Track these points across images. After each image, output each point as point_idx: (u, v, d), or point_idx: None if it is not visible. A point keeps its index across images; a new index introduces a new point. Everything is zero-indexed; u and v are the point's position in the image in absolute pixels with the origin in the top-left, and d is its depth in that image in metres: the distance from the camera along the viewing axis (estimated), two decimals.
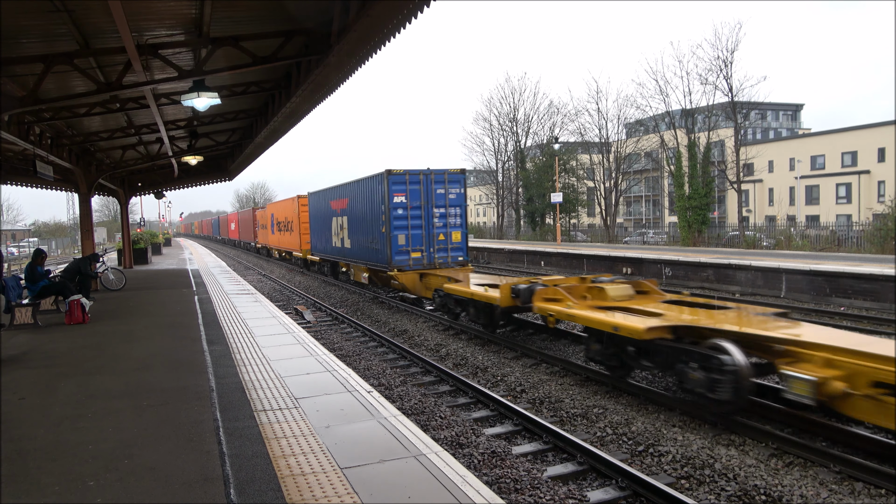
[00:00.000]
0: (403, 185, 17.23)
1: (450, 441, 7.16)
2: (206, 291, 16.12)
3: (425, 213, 17.49)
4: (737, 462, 6.38)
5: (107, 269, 16.67)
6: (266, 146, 18.36)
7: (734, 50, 34.17)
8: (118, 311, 12.53)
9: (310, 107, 12.46)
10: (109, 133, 16.35)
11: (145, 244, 30.26)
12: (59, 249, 58.75)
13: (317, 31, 9.19)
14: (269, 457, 4.53)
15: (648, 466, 6.50)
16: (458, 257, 18.03)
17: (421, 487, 4.04)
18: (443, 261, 17.79)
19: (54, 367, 7.59)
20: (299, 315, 16.90)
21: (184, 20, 8.57)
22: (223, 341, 9.06)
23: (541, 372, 10.20)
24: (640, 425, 7.53)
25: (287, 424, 5.29)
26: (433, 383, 9.99)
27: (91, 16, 7.89)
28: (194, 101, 9.81)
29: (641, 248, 31.27)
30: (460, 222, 17.98)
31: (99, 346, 8.82)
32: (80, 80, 10.42)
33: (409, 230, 17.41)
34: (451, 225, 17.89)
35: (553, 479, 6.20)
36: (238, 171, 25.29)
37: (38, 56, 8.80)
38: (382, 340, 13.13)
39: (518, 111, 50.30)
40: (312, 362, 7.72)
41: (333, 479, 4.15)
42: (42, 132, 14.23)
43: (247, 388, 6.45)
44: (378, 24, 7.66)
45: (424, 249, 17.58)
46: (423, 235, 17.54)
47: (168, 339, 9.27)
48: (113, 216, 79.86)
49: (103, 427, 5.21)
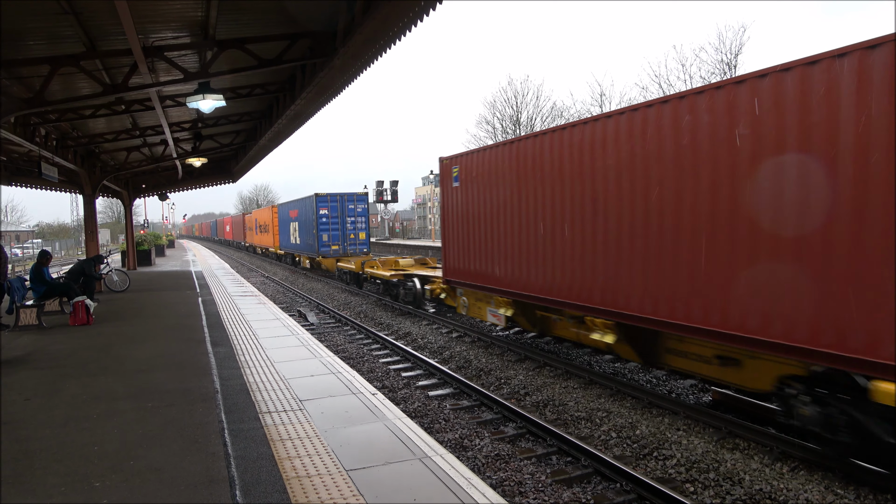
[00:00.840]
0: (326, 203, 26.83)
1: (454, 443, 7.16)
2: (210, 293, 16.15)
3: (341, 220, 27.00)
4: (742, 466, 6.36)
5: (111, 271, 16.71)
6: (270, 148, 18.40)
7: (738, 53, 34.20)
8: (122, 313, 12.55)
9: (314, 109, 12.48)
10: (114, 135, 16.42)
11: (149, 246, 30.35)
12: (62, 251, 58.92)
13: (322, 33, 9.21)
14: (274, 458, 4.53)
15: (653, 470, 6.48)
16: (364, 249, 27.51)
17: (426, 490, 4.04)
18: (353, 251, 27.06)
19: (59, 368, 7.61)
20: (303, 317, 16.91)
21: (190, 22, 8.60)
22: (227, 343, 9.07)
23: (544, 375, 10.19)
24: (645, 428, 7.51)
25: (292, 426, 5.29)
26: (437, 386, 9.98)
27: (97, 18, 7.92)
28: (199, 103, 9.85)
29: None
30: (363, 227, 27.63)
31: (103, 348, 8.84)
32: (86, 82, 10.46)
33: (330, 231, 26.93)
34: (357, 228, 27.40)
35: (557, 482, 6.19)
36: (242, 174, 25.35)
37: (44, 58, 8.84)
38: (386, 343, 13.13)
39: (521, 114, 50.34)
40: (317, 364, 7.73)
41: (339, 482, 4.15)
42: (47, 133, 14.29)
43: (251, 389, 6.46)
44: (384, 27, 7.67)
45: (340, 244, 27.01)
46: (340, 235, 27.04)
47: (172, 341, 9.29)
48: (117, 218, 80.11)
49: (108, 428, 5.22)
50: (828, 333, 5.73)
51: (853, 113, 5.45)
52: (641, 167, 7.89)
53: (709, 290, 6.99)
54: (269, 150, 18.68)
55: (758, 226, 6.39)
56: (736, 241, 6.64)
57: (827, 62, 5.68)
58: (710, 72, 37.47)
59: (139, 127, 15.79)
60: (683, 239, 7.31)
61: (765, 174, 6.27)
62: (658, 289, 7.74)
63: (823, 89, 5.70)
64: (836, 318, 5.65)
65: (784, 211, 6.11)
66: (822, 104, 5.72)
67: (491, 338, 12.80)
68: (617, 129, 8.30)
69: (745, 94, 6.48)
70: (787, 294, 6.12)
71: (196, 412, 5.58)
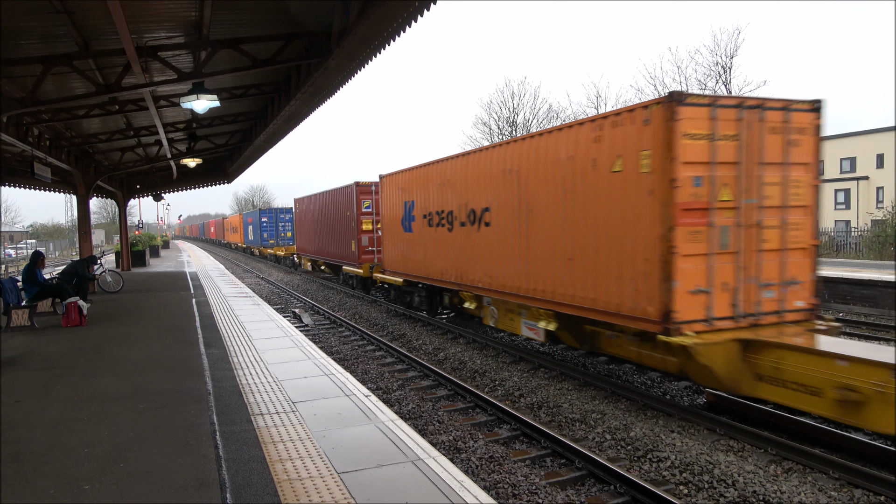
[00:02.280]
0: (267, 214, 42.49)
1: (448, 446, 7.13)
2: (204, 294, 16.09)
3: (275, 225, 41.28)
4: (735, 468, 6.35)
5: (104, 272, 16.63)
6: (265, 149, 18.35)
7: (733, 55, 34.28)
8: (115, 314, 12.49)
9: (309, 110, 12.46)
10: (108, 135, 16.35)
11: (143, 246, 30.21)
12: (56, 251, 58.60)
13: (317, 33, 9.19)
14: (265, 461, 4.50)
15: (647, 472, 6.47)
16: (290, 243, 38.68)
17: (419, 492, 4.01)
18: (283, 244, 40.36)
19: (51, 369, 7.56)
20: (297, 318, 16.87)
21: (183, 22, 8.56)
22: (221, 344, 9.03)
23: (539, 376, 10.18)
24: (639, 430, 7.50)
25: (284, 428, 5.26)
26: (431, 387, 9.96)
27: (91, 17, 7.88)
28: (193, 103, 9.81)
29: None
30: (290, 228, 39.08)
31: (96, 349, 8.79)
32: (80, 82, 10.42)
33: (268, 232, 41.62)
34: (286, 230, 40.64)
35: (551, 484, 6.17)
36: (237, 174, 25.27)
37: (37, 57, 8.79)
38: (380, 344, 13.10)
39: (517, 115, 50.36)
40: (310, 366, 7.70)
41: (330, 484, 4.13)
42: (41, 133, 14.21)
43: (244, 391, 6.43)
44: (379, 27, 7.67)
45: (275, 239, 41.24)
46: (274, 234, 41.34)
47: (165, 342, 9.24)
48: (111, 218, 79.80)
49: (99, 430, 5.18)
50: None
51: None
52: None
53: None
54: (265, 150, 18.64)
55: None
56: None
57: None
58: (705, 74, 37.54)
59: (133, 127, 15.73)
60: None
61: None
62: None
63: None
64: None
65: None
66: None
67: (486, 339, 12.79)
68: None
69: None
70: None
71: (188, 414, 5.55)
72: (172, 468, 4.32)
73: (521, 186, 10.44)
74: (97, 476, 4.22)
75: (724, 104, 7.62)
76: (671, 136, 7.25)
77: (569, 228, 9.24)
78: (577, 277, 9.06)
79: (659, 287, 7.51)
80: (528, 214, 10.28)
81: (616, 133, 8.17)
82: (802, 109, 8.11)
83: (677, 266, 7.34)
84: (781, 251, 8.03)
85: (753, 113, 7.74)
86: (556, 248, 9.55)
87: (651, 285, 7.65)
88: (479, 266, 12.10)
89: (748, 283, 7.81)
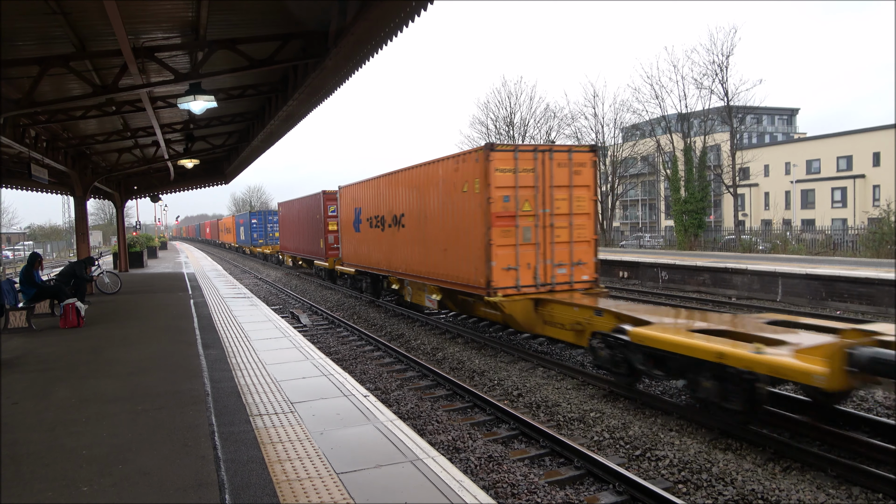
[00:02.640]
0: (256, 216, 46.41)
1: (447, 445, 7.13)
2: (202, 295, 16.07)
3: (264, 226, 44.73)
4: (734, 466, 6.36)
5: (102, 273, 16.59)
6: (263, 149, 18.34)
7: (729, 54, 34.33)
8: (113, 315, 12.47)
9: (307, 110, 12.45)
10: (105, 136, 16.32)
11: (141, 247, 30.15)
12: (54, 253, 58.49)
13: (314, 34, 9.18)
14: (264, 462, 4.50)
15: (646, 471, 6.48)
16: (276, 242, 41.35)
17: (418, 492, 4.01)
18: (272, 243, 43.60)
19: (49, 370, 7.54)
20: (296, 319, 16.85)
21: (180, 23, 8.56)
22: (219, 345, 9.02)
23: (537, 376, 10.18)
24: (637, 429, 7.51)
25: (283, 429, 5.26)
26: (430, 387, 9.96)
27: (87, 18, 7.87)
28: (190, 104, 9.80)
29: (638, 252, 31.31)
30: (277, 229, 40.08)
31: (94, 350, 8.78)
32: (76, 83, 10.40)
33: (258, 232, 45.45)
34: (273, 230, 42.45)
35: (550, 483, 6.17)
36: (234, 175, 25.25)
37: (33, 58, 8.78)
38: (379, 344, 13.10)
39: (514, 115, 50.37)
40: (309, 366, 7.69)
41: (329, 485, 4.13)
42: (37, 135, 14.19)
43: (242, 392, 6.42)
44: (376, 27, 7.66)
45: (264, 239, 44.69)
46: (263, 234, 44.82)
47: (163, 343, 9.23)
48: (109, 219, 79.64)
49: (98, 431, 5.18)
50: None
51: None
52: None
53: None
54: (262, 150, 18.62)
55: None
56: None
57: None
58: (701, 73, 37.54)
59: (130, 128, 15.70)
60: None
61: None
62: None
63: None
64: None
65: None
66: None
67: (485, 339, 12.80)
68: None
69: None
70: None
71: (186, 415, 5.54)
72: (171, 469, 4.31)
73: (420, 199, 14.36)
74: (96, 478, 4.21)
75: (523, 149, 11.57)
76: (488, 170, 11.18)
77: (445, 229, 13.12)
78: (450, 262, 12.96)
79: (485, 266, 11.42)
80: (424, 219, 14.18)
81: (464, 167, 12.12)
82: (582, 151, 12.12)
83: (494, 252, 11.32)
84: (570, 243, 11.97)
85: (546, 154, 11.71)
86: (439, 243, 13.42)
87: (481, 265, 11.57)
88: (399, 257, 16.03)
89: (545, 264, 11.81)
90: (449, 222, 12.80)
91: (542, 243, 11.66)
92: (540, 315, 11.51)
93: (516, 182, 11.31)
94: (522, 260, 11.48)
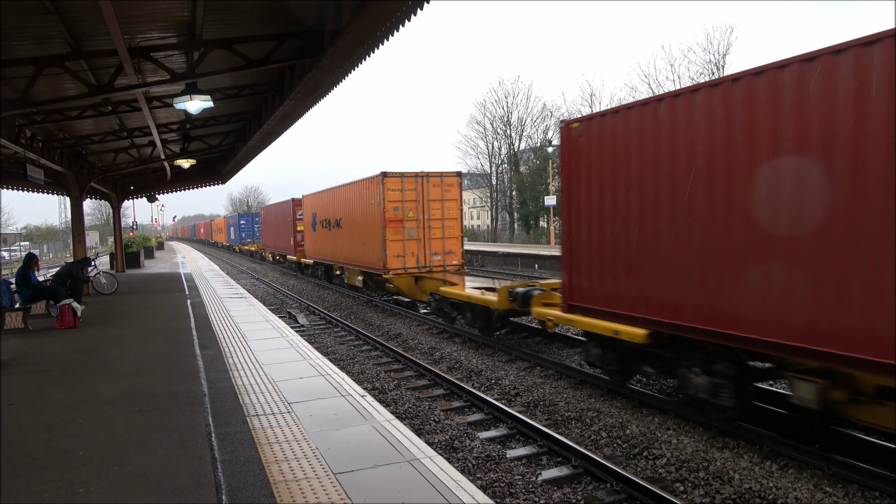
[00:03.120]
0: (245, 217, 53.04)
1: (444, 445, 7.13)
2: (199, 295, 16.04)
3: (251, 226, 49.85)
4: (731, 465, 6.37)
5: (98, 273, 16.55)
6: (259, 149, 18.31)
7: (726, 53, 34.43)
8: (110, 316, 12.44)
9: (303, 109, 12.43)
10: (101, 136, 16.27)
11: (138, 248, 30.10)
12: (50, 253, 58.38)
13: (310, 33, 9.16)
14: (261, 462, 4.49)
15: (643, 469, 6.49)
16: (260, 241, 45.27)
17: (415, 492, 4.01)
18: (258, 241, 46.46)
19: (45, 371, 7.52)
20: (293, 319, 16.84)
21: (176, 22, 8.52)
22: (216, 345, 9.00)
23: (535, 375, 10.19)
24: (635, 428, 7.52)
25: (280, 429, 5.25)
26: (427, 387, 9.95)
27: (82, 18, 7.83)
28: (187, 104, 9.76)
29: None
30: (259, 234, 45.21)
31: (90, 351, 8.75)
32: (72, 83, 10.36)
33: (245, 232, 51.11)
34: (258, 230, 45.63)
35: (548, 482, 6.18)
36: (231, 175, 25.21)
37: (28, 58, 8.73)
38: (376, 344, 13.09)
39: (511, 114, 50.46)
40: (306, 366, 7.68)
41: (326, 485, 4.12)
42: (33, 135, 14.14)
43: (239, 392, 6.41)
44: (372, 26, 7.65)
45: (251, 238, 49.49)
46: (250, 233, 49.67)
47: (160, 344, 9.21)
48: (105, 220, 79.54)
49: (94, 432, 5.16)
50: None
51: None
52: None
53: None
54: (259, 150, 18.59)
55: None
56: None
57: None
58: (698, 72, 37.63)
59: (126, 128, 15.66)
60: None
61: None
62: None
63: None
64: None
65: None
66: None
67: (482, 338, 12.80)
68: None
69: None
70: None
71: (183, 416, 5.53)
72: (168, 470, 4.30)
73: (349, 208, 20.24)
74: (92, 479, 4.20)
75: (408, 176, 17.26)
76: (383, 190, 16.99)
77: (362, 229, 18.87)
78: (366, 253, 18.61)
79: (382, 254, 17.13)
80: (352, 222, 20.05)
81: (371, 187, 17.93)
82: (451, 175, 17.90)
83: (388, 245, 17.06)
84: (443, 239, 17.68)
85: (425, 178, 17.47)
86: (360, 239, 19.17)
87: (379, 253, 17.31)
88: (339, 250, 21.89)
89: (425, 253, 17.51)
90: (364, 225, 18.53)
91: (423, 239, 17.39)
92: (419, 287, 16.94)
93: (403, 197, 17.12)
94: (408, 250, 17.23)
